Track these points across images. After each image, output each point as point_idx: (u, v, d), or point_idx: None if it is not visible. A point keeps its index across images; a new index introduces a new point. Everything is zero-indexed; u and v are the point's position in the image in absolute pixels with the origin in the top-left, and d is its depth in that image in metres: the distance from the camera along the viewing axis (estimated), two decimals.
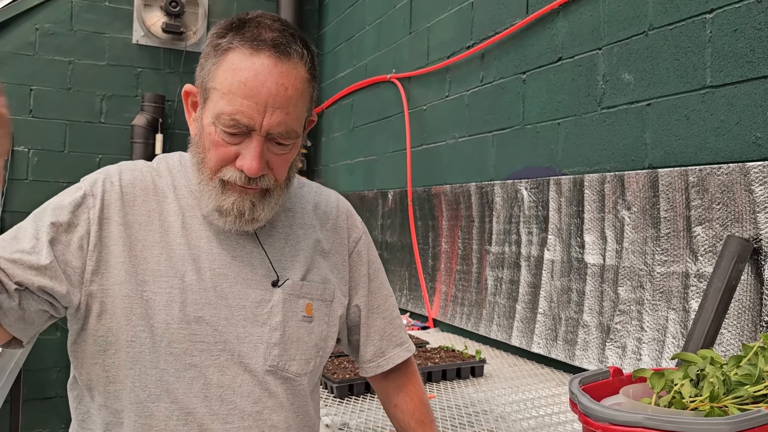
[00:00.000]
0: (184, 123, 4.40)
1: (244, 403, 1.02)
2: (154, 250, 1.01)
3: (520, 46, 2.40)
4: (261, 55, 0.95)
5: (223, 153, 0.99)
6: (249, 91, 0.94)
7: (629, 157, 1.90)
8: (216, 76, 0.98)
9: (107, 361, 0.99)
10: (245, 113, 0.95)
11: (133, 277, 0.99)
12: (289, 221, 1.14)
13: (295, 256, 1.11)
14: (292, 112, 0.98)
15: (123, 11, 4.26)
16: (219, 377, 1.01)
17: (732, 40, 1.60)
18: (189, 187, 1.08)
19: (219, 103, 0.97)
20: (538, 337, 2.19)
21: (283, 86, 0.96)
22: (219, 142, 0.98)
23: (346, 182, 4.06)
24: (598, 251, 1.97)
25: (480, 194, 2.58)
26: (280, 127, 0.97)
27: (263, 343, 1.04)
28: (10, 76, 3.99)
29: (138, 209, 1.03)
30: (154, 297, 0.99)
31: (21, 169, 4.02)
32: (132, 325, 0.98)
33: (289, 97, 0.97)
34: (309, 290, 1.10)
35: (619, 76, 1.94)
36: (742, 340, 1.50)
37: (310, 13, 4.68)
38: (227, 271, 1.04)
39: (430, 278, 2.97)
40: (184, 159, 1.12)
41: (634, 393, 0.95)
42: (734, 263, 1.45)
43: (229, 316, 1.02)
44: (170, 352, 0.98)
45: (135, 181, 1.05)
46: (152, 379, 0.98)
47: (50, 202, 1.02)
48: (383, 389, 1.27)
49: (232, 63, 0.96)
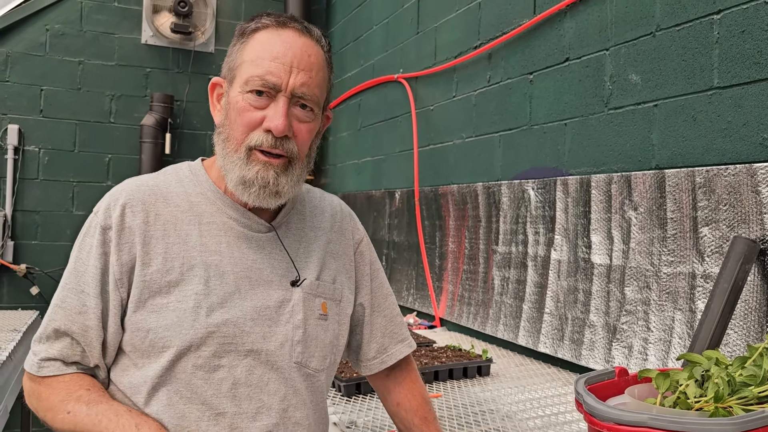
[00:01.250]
0: (193, 123, 4.43)
1: (271, 401, 1.05)
2: (175, 262, 1.04)
3: (528, 46, 2.40)
4: (287, 28, 1.05)
5: (250, 117, 1.03)
6: (276, 54, 1.03)
7: (636, 158, 1.91)
8: (244, 53, 1.06)
9: (141, 369, 1.03)
10: (273, 72, 1.02)
11: (157, 291, 1.03)
12: (302, 223, 1.18)
13: (309, 257, 1.15)
14: (315, 77, 1.05)
15: (132, 12, 4.29)
16: (247, 377, 1.04)
17: (739, 41, 1.60)
18: (204, 194, 1.10)
19: (248, 70, 1.03)
20: (545, 336, 2.20)
21: (307, 53, 1.05)
22: (246, 107, 1.03)
23: (354, 182, 4.07)
24: (604, 251, 1.97)
25: (487, 194, 2.59)
26: (303, 87, 1.03)
27: (288, 341, 1.07)
28: (21, 76, 4.03)
29: (152, 224, 1.06)
30: (180, 305, 1.02)
31: (32, 169, 4.05)
32: (161, 335, 1.01)
33: (312, 63, 1.05)
34: (324, 290, 1.14)
35: (626, 77, 1.94)
36: (748, 340, 1.51)
37: (318, 12, 4.70)
38: (249, 273, 1.07)
39: (437, 277, 2.98)
40: (193, 167, 1.15)
41: (639, 393, 0.96)
42: (741, 264, 1.46)
43: (255, 316, 1.05)
44: (199, 355, 1.02)
45: (144, 197, 1.07)
46: (183, 383, 1.01)
47: (78, 253, 1.07)
48: (385, 387, 1.29)
49: (259, 38, 1.05)
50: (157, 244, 1.04)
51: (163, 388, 1.02)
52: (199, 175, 1.12)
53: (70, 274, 1.06)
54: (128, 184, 1.10)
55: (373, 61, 3.81)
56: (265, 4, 4.59)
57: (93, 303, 1.02)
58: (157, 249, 1.04)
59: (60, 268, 4.02)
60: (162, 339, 1.01)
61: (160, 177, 1.13)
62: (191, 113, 4.43)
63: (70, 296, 1.04)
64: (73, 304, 1.03)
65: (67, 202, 4.13)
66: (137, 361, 1.03)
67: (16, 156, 4.00)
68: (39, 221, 4.06)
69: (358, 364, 1.28)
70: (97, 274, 1.03)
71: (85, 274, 1.03)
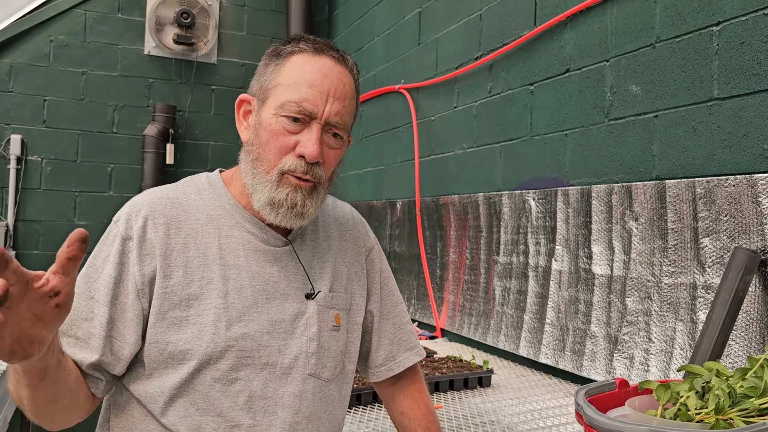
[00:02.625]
0: (195, 133, 4.45)
1: (285, 414, 1.05)
2: (195, 275, 1.04)
3: (528, 57, 2.41)
4: (323, 56, 1.07)
5: (284, 142, 1.04)
6: (314, 81, 1.04)
7: (637, 169, 1.91)
8: (279, 75, 1.06)
9: (158, 379, 1.03)
10: (310, 100, 1.03)
11: (177, 304, 1.03)
12: (315, 234, 1.18)
13: (323, 269, 1.16)
14: (348, 106, 1.07)
15: (135, 23, 4.32)
16: (262, 389, 1.04)
17: (739, 53, 1.61)
18: (223, 207, 1.10)
19: (284, 94, 1.04)
20: (546, 347, 2.19)
21: (342, 82, 1.06)
22: (280, 131, 1.04)
23: (355, 192, 4.08)
24: (605, 262, 1.97)
25: (488, 204, 2.59)
26: (337, 116, 1.05)
27: (303, 354, 1.08)
28: (24, 86, 4.05)
29: (173, 237, 1.06)
30: (199, 319, 1.03)
31: (34, 179, 4.07)
32: (181, 348, 1.01)
33: (346, 92, 1.07)
34: (337, 301, 1.15)
35: (626, 88, 1.95)
36: (749, 352, 1.50)
37: (320, 24, 4.73)
38: (266, 287, 1.08)
39: (438, 288, 2.98)
40: (212, 180, 1.14)
41: (639, 405, 0.96)
42: (742, 275, 1.46)
43: (271, 330, 1.06)
44: (217, 368, 1.02)
45: (166, 210, 1.07)
46: (200, 394, 1.02)
47: (93, 259, 1.06)
48: (390, 396, 1.29)
49: (296, 62, 1.06)
50: (177, 256, 1.04)
51: (180, 399, 1.02)
52: (218, 188, 1.12)
53: (81, 279, 1.03)
54: (150, 195, 1.10)
55: (374, 72, 3.83)
56: (268, 16, 4.62)
57: (101, 311, 1.00)
58: (178, 262, 1.04)
59: None
60: (182, 352, 1.01)
61: (180, 189, 1.13)
62: (193, 123, 4.44)
63: (79, 301, 1.01)
64: (80, 309, 1.01)
65: (70, 211, 4.13)
66: (154, 372, 1.03)
67: (19, 166, 4.01)
68: (41, 231, 4.07)
69: (366, 370, 1.28)
70: (110, 282, 1.02)
71: (98, 281, 1.02)
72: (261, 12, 4.63)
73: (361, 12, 4.09)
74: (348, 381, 1.19)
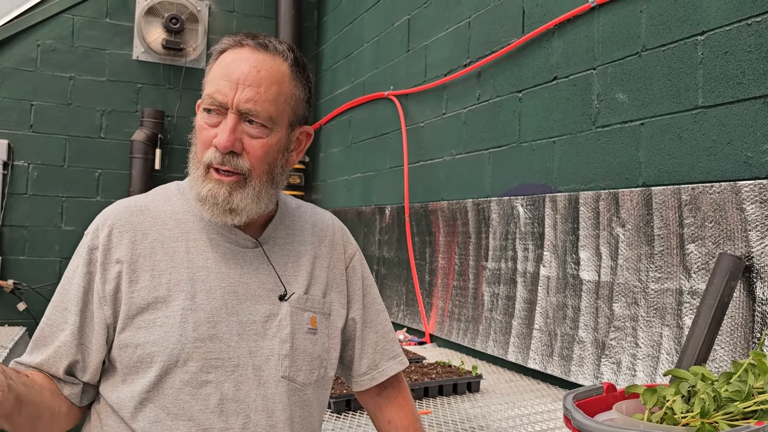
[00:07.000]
0: (183, 138, 4.43)
1: (258, 417, 1.05)
2: (162, 278, 1.05)
3: (516, 65, 2.43)
4: (243, 48, 1.06)
5: (205, 135, 1.06)
6: (227, 72, 1.04)
7: (623, 176, 1.93)
8: (208, 74, 1.09)
9: (129, 385, 1.03)
10: (221, 91, 1.03)
11: (145, 307, 1.04)
12: (290, 239, 1.18)
13: (298, 272, 1.15)
14: (264, 92, 1.04)
15: (123, 28, 4.31)
16: (234, 392, 1.04)
17: (723, 62, 1.63)
18: (191, 211, 1.12)
19: (205, 90, 1.06)
20: (534, 352, 2.20)
21: (255, 68, 1.04)
22: (202, 126, 1.07)
23: (344, 198, 4.08)
24: (593, 268, 1.99)
25: (476, 210, 2.61)
26: (249, 103, 1.03)
27: (275, 356, 1.07)
28: (11, 91, 4.02)
29: (139, 243, 1.07)
30: (167, 321, 1.03)
31: (21, 184, 4.03)
32: (148, 351, 1.02)
33: (262, 78, 1.04)
34: (312, 304, 1.14)
35: (613, 96, 1.98)
36: (734, 356, 1.52)
37: (309, 30, 4.74)
38: (236, 288, 1.08)
39: (426, 294, 2.99)
40: (181, 186, 1.17)
41: (627, 409, 0.97)
42: (727, 280, 1.47)
43: (241, 331, 1.06)
44: (186, 371, 1.02)
45: (131, 218, 1.09)
46: (170, 398, 1.01)
47: (66, 272, 1.10)
48: (376, 405, 1.28)
49: (221, 59, 1.07)
50: (144, 261, 1.06)
51: (150, 404, 1.01)
52: (187, 193, 1.14)
53: (57, 292, 1.09)
54: (118, 205, 1.12)
55: (363, 78, 3.84)
56: (257, 20, 4.62)
57: (72, 320, 1.04)
58: (144, 266, 1.05)
59: (48, 284, 3.99)
60: (149, 354, 1.01)
61: (149, 197, 1.15)
62: (182, 129, 4.43)
63: (55, 313, 1.07)
64: (56, 321, 1.06)
65: (56, 217, 4.10)
66: (126, 378, 1.03)
67: (5, 171, 3.98)
68: (27, 236, 4.03)
69: (349, 379, 1.27)
70: (79, 292, 1.05)
71: (69, 292, 1.06)
72: (250, 18, 4.63)
73: (351, 18, 4.11)
74: (327, 387, 1.19)
